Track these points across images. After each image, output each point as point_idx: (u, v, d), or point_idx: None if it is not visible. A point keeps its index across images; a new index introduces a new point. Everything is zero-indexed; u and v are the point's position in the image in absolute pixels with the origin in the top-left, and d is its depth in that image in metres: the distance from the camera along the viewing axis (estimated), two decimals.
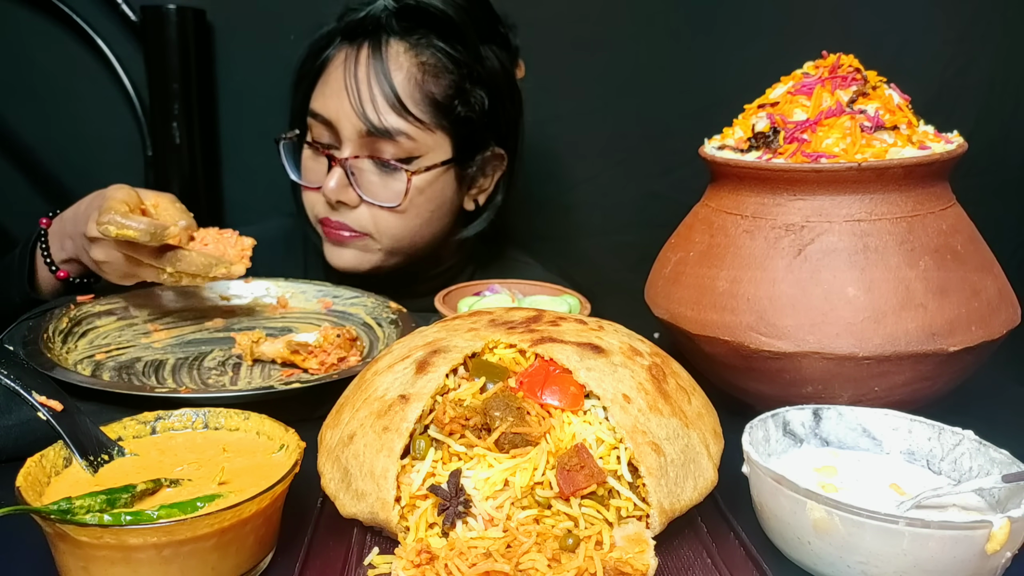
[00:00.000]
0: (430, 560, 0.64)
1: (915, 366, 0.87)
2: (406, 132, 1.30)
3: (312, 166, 1.39)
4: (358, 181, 1.32)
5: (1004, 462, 0.75)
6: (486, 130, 1.40)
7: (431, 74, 1.32)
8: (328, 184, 1.32)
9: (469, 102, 1.35)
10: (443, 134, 1.34)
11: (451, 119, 1.34)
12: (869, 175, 0.88)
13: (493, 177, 1.47)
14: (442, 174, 1.36)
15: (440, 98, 1.32)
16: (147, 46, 1.80)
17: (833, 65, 0.98)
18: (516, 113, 1.46)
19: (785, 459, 0.82)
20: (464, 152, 1.38)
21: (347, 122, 1.30)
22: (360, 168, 1.33)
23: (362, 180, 1.33)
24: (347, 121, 1.30)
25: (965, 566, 0.65)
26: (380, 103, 1.28)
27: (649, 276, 1.08)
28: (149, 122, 1.85)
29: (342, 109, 1.30)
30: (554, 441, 0.70)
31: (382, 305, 1.28)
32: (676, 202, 1.17)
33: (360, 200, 1.33)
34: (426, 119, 1.31)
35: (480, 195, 1.48)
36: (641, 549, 0.66)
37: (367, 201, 1.33)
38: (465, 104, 1.35)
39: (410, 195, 1.33)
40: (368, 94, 1.28)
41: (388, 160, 1.31)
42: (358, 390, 0.79)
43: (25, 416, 0.84)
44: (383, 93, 1.28)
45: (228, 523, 0.63)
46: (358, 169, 1.33)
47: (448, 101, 1.33)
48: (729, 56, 1.86)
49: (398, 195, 1.32)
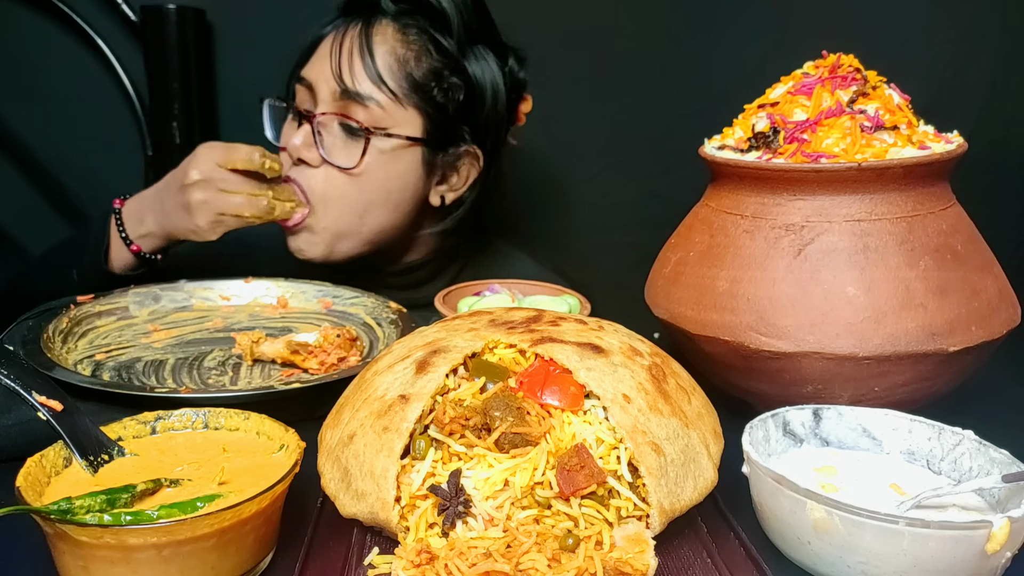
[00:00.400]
0: (430, 560, 0.64)
1: (915, 366, 0.87)
2: (376, 99, 1.32)
3: (288, 129, 1.41)
4: (323, 142, 1.34)
5: (1004, 462, 0.75)
6: (461, 123, 1.40)
7: (414, 55, 1.35)
8: (294, 139, 1.35)
9: (446, 90, 1.36)
10: (416, 112, 1.35)
11: (426, 100, 1.35)
12: (869, 175, 0.88)
13: (467, 177, 1.46)
14: (406, 150, 1.36)
15: (418, 77, 1.34)
16: (147, 46, 1.80)
17: (833, 65, 0.98)
18: (500, 119, 1.45)
19: (785, 459, 0.82)
20: (435, 138, 1.38)
21: (324, 83, 1.34)
22: (327, 128, 1.35)
23: (327, 141, 1.35)
24: (324, 82, 1.34)
25: (965, 566, 0.65)
26: (357, 68, 1.32)
27: (649, 276, 1.08)
28: (149, 122, 1.85)
29: (322, 72, 1.34)
30: (554, 441, 0.70)
31: (382, 305, 1.28)
32: (676, 202, 1.17)
33: (321, 160, 1.34)
34: (399, 93, 1.33)
35: (449, 193, 1.46)
36: (641, 549, 0.66)
37: (326, 161, 1.34)
38: (442, 91, 1.36)
39: (367, 160, 1.33)
40: (348, 59, 1.32)
41: (356, 123, 1.33)
42: (358, 390, 0.79)
43: (25, 416, 0.84)
44: (361, 58, 1.32)
45: (228, 523, 0.63)
46: (326, 129, 1.35)
47: (425, 82, 1.35)
48: (729, 56, 1.86)
49: (355, 158, 1.33)
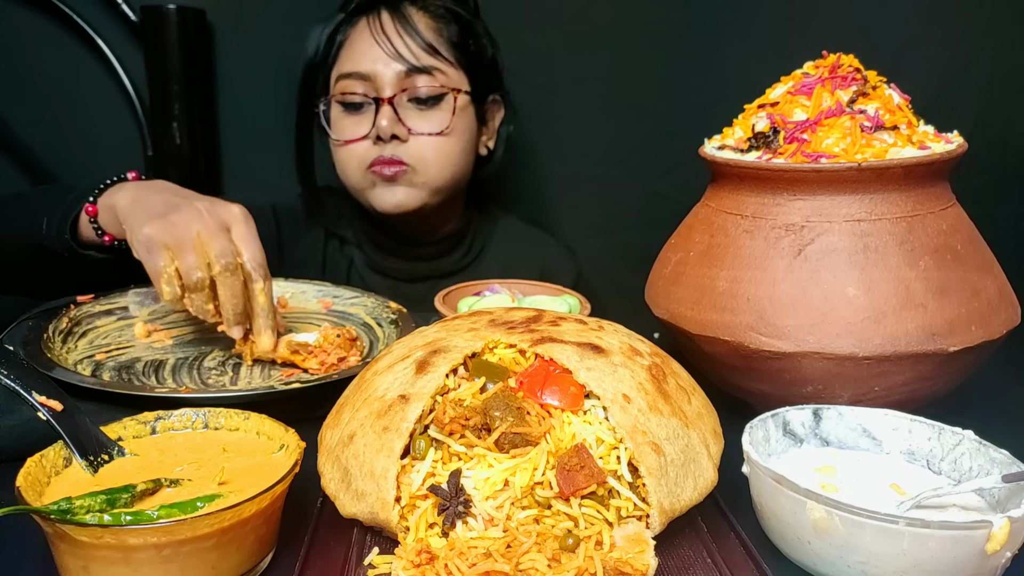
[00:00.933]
0: (430, 560, 0.64)
1: (915, 366, 0.87)
2: (439, 67, 1.44)
3: (347, 124, 1.47)
4: (403, 115, 1.43)
5: (1004, 462, 0.75)
6: (492, 73, 1.55)
7: (445, 22, 1.47)
8: (381, 122, 1.42)
9: (481, 44, 1.52)
10: (463, 72, 1.48)
11: (467, 57, 1.49)
12: (869, 175, 0.88)
13: (495, 123, 1.61)
14: (469, 104, 1.50)
15: (456, 40, 1.47)
16: (147, 46, 1.80)
17: (833, 65, 0.98)
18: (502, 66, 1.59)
19: (785, 459, 0.82)
20: (479, 90, 1.51)
21: (385, 68, 1.41)
22: (402, 106, 1.44)
23: (405, 117, 1.44)
24: (385, 67, 1.41)
25: (965, 566, 0.65)
26: (412, 46, 1.42)
27: (649, 276, 1.08)
28: (149, 122, 1.85)
29: (378, 59, 1.41)
30: (554, 441, 0.70)
31: (382, 305, 1.28)
32: (676, 202, 1.17)
33: (409, 133, 1.44)
34: (451, 57, 1.46)
35: (490, 141, 1.61)
36: (641, 549, 0.66)
37: (415, 133, 1.44)
38: (477, 45, 1.51)
39: (456, 117, 1.46)
40: (400, 41, 1.41)
41: (426, 96, 1.43)
42: (358, 390, 0.79)
43: (25, 416, 0.84)
44: (412, 39, 1.42)
45: (228, 523, 0.63)
46: (402, 108, 1.44)
47: (463, 42, 1.48)
48: (729, 56, 1.86)
49: (442, 122, 1.45)
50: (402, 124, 1.43)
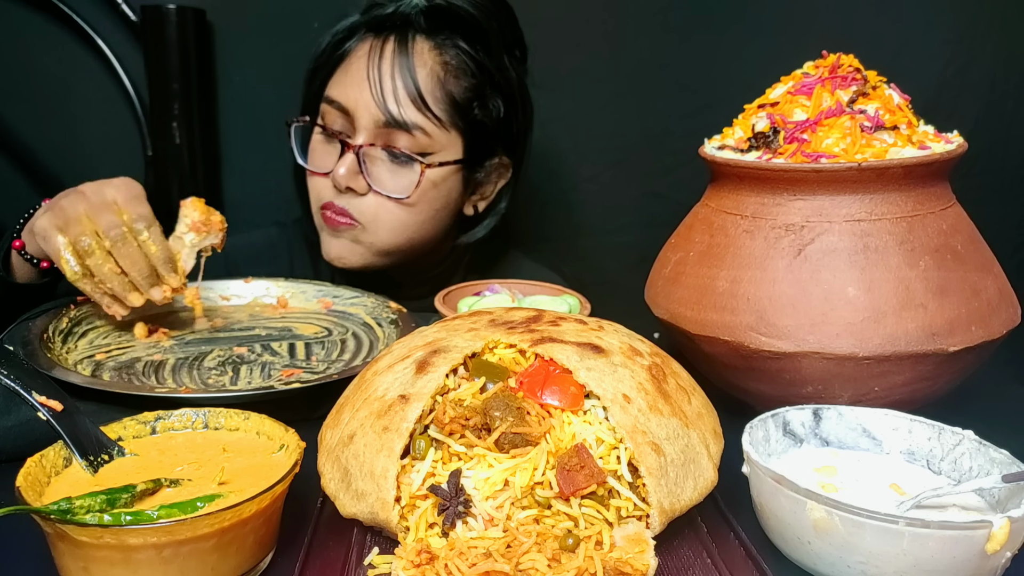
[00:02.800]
0: (430, 560, 0.64)
1: (915, 366, 0.87)
2: (423, 127, 1.31)
3: (321, 151, 1.38)
4: (368, 170, 1.33)
5: (1004, 462, 0.75)
6: (498, 137, 1.41)
7: (453, 74, 1.33)
8: (339, 170, 1.32)
9: (487, 107, 1.37)
10: (457, 134, 1.35)
11: (467, 121, 1.35)
12: (869, 175, 0.88)
13: (496, 185, 1.48)
14: (452, 174, 1.37)
15: (459, 99, 1.33)
16: (147, 46, 1.80)
17: (833, 65, 0.98)
18: (527, 126, 1.47)
19: (785, 459, 0.82)
20: (475, 156, 1.39)
21: (365, 111, 1.30)
22: (372, 157, 1.33)
23: (373, 169, 1.33)
24: (365, 110, 1.30)
25: (965, 566, 0.65)
26: (401, 96, 1.29)
27: (649, 276, 1.08)
28: (149, 122, 1.85)
29: (361, 98, 1.30)
30: (554, 441, 0.70)
31: (382, 305, 1.28)
32: (676, 202, 1.17)
33: (368, 189, 1.33)
34: (444, 117, 1.32)
35: (480, 202, 1.49)
36: (641, 549, 0.66)
37: (375, 191, 1.33)
38: (483, 108, 1.36)
39: (421, 188, 1.33)
40: (391, 86, 1.29)
41: (402, 151, 1.31)
42: (358, 390, 0.79)
43: (25, 416, 0.84)
44: (405, 86, 1.29)
45: (228, 523, 0.63)
46: (370, 158, 1.33)
47: (467, 103, 1.34)
48: (729, 56, 1.86)
49: (408, 187, 1.33)
50: (363, 178, 1.32)
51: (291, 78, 1.72)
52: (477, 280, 1.26)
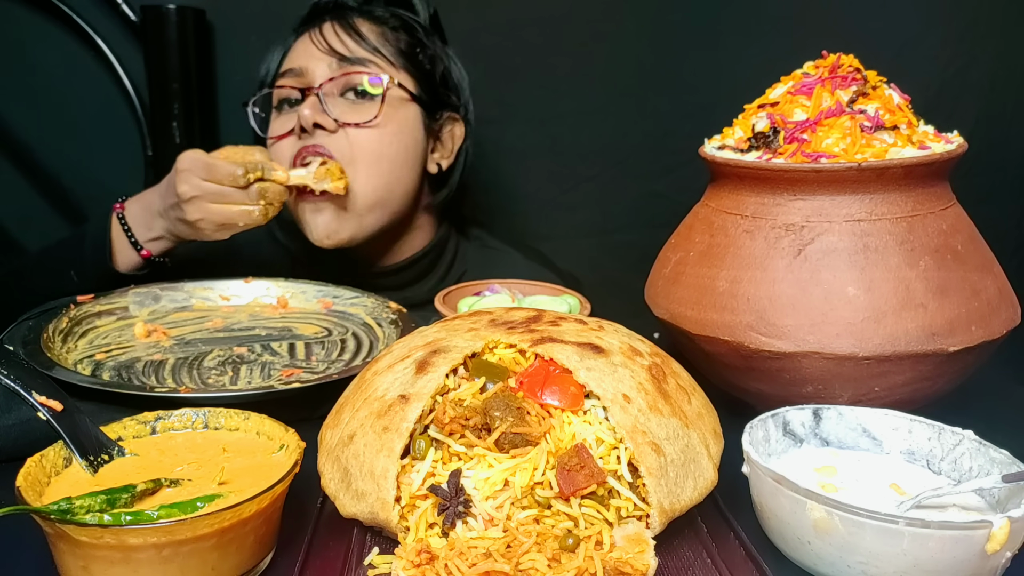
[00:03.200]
0: (430, 560, 0.64)
1: (915, 366, 0.87)
2: (376, 62, 1.37)
3: (277, 123, 1.41)
4: (330, 107, 1.34)
5: (1004, 462, 0.75)
6: (445, 89, 1.46)
7: (393, 32, 1.41)
8: (303, 111, 1.33)
9: (429, 54, 1.43)
10: (407, 75, 1.41)
11: (414, 64, 1.41)
12: (869, 175, 0.88)
13: (453, 145, 1.51)
14: (409, 104, 1.40)
15: (404, 48, 1.40)
16: (147, 46, 1.80)
17: (833, 65, 0.98)
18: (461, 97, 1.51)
19: (785, 459, 0.82)
20: (427, 99, 1.43)
21: (317, 63, 1.35)
22: (332, 95, 1.36)
23: (335, 106, 1.35)
24: (317, 62, 1.35)
25: (965, 566, 0.65)
26: (348, 41, 1.36)
27: (649, 276, 1.08)
28: (149, 122, 1.85)
29: (312, 55, 1.35)
30: (554, 441, 0.70)
31: (382, 305, 1.28)
32: (676, 202, 1.17)
33: (336, 125, 1.34)
34: (391, 58, 1.39)
35: (443, 160, 1.50)
36: (641, 549, 0.66)
37: (343, 124, 1.34)
38: (427, 57, 1.42)
39: (385, 110, 1.35)
40: (335, 38, 1.36)
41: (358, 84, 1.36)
42: (358, 390, 0.79)
43: (25, 416, 0.84)
44: (350, 36, 1.37)
45: (228, 523, 0.63)
46: (331, 96, 1.35)
47: (410, 50, 1.41)
48: (729, 56, 1.86)
49: (373, 112, 1.35)
50: (326, 114, 1.32)
51: None
52: (475, 280, 1.26)
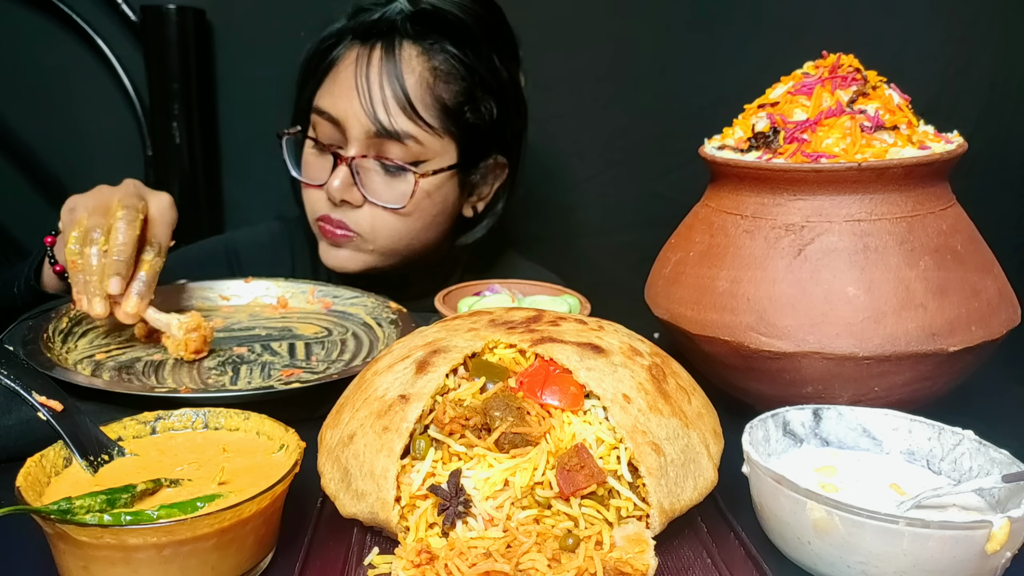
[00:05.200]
0: (430, 560, 0.64)
1: (915, 366, 0.87)
2: (415, 135, 1.30)
3: (314, 163, 1.38)
4: (363, 181, 1.32)
5: (1004, 462, 0.75)
6: (492, 139, 1.40)
7: (442, 79, 1.32)
8: (332, 183, 1.31)
9: (479, 110, 1.35)
10: (450, 139, 1.34)
11: (459, 125, 1.34)
12: (869, 175, 0.88)
13: (493, 186, 1.47)
14: (447, 180, 1.36)
15: (450, 104, 1.32)
16: (147, 46, 1.80)
17: (833, 65, 0.98)
18: (521, 125, 1.46)
19: (785, 459, 0.82)
20: (469, 159, 1.38)
21: (356, 122, 1.29)
22: (365, 168, 1.32)
23: (367, 180, 1.33)
24: (356, 121, 1.29)
25: (965, 566, 0.65)
26: (391, 105, 1.28)
27: (649, 276, 1.08)
28: (149, 122, 1.85)
29: (351, 109, 1.29)
30: (554, 441, 0.70)
31: (382, 305, 1.28)
32: (676, 202, 1.17)
33: (364, 200, 1.33)
34: (435, 124, 1.31)
35: (479, 203, 1.48)
36: (641, 549, 0.66)
37: (371, 202, 1.33)
38: (474, 111, 1.35)
39: (416, 198, 1.33)
40: (380, 95, 1.28)
41: (394, 162, 1.31)
42: (358, 390, 0.79)
43: (25, 416, 0.84)
44: (395, 95, 1.28)
45: (228, 523, 0.63)
46: (363, 169, 1.32)
47: (458, 107, 1.33)
48: (729, 56, 1.86)
49: (403, 197, 1.32)
50: (357, 189, 1.32)
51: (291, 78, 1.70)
52: (476, 280, 1.26)
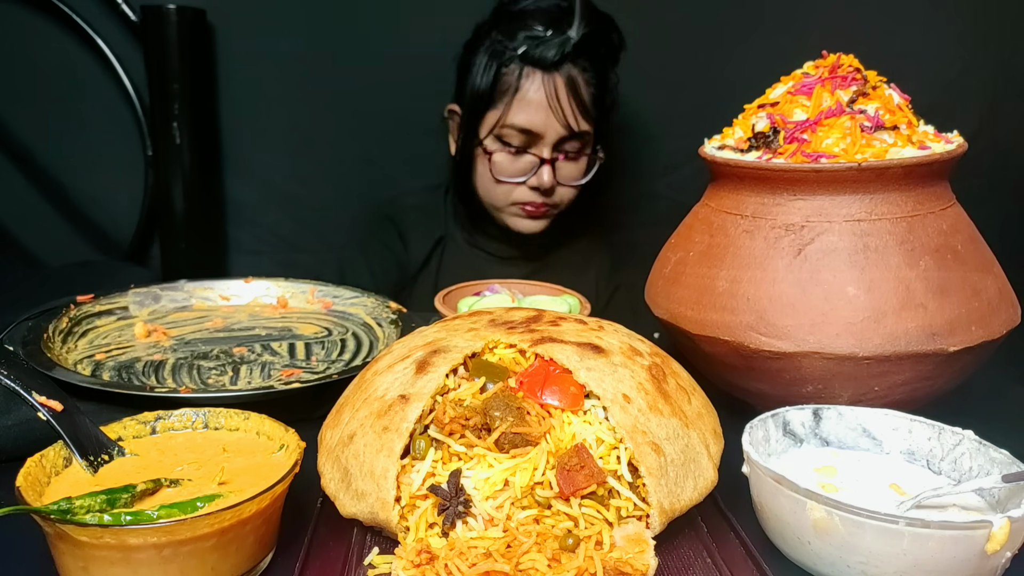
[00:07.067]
0: (430, 560, 0.65)
1: (915, 366, 0.87)
2: (587, 130, 1.66)
3: (509, 164, 1.67)
4: (558, 172, 1.67)
5: (1004, 462, 0.75)
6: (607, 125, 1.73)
7: (593, 86, 1.65)
8: (543, 178, 1.65)
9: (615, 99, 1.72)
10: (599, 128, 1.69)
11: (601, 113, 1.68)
12: (869, 175, 0.88)
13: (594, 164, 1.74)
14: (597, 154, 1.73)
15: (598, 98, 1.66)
16: (147, 46, 1.80)
17: (833, 65, 0.98)
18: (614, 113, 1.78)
19: (785, 459, 0.82)
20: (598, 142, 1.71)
21: (552, 131, 1.62)
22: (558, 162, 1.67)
23: (560, 170, 1.67)
24: (552, 130, 1.62)
25: (965, 566, 0.65)
26: (578, 114, 1.62)
27: (649, 276, 1.08)
28: (149, 122, 1.85)
29: (549, 122, 1.61)
30: (554, 441, 0.70)
31: (382, 305, 1.28)
32: (676, 202, 1.17)
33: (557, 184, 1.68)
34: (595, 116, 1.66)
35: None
36: (641, 549, 0.66)
37: (564, 185, 1.70)
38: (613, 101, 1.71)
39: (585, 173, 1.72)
40: (571, 111, 1.61)
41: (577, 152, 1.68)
42: (358, 390, 0.79)
43: (25, 416, 0.84)
44: (580, 109, 1.62)
45: (228, 523, 0.63)
46: (557, 164, 1.67)
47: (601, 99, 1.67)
48: (729, 56, 1.86)
49: (582, 172, 1.71)
50: (555, 179, 1.66)
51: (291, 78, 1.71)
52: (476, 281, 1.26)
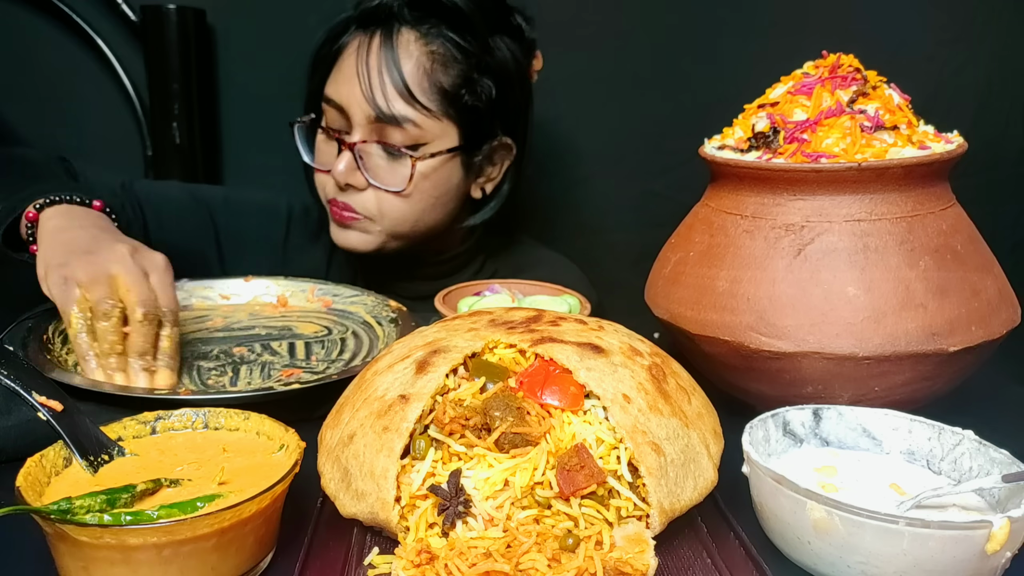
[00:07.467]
0: (430, 560, 0.64)
1: (915, 366, 0.87)
2: (413, 120, 1.33)
3: (324, 149, 1.42)
4: (366, 165, 1.36)
5: (1004, 462, 0.75)
6: (494, 119, 1.42)
7: (440, 63, 1.34)
8: (337, 167, 1.36)
9: (477, 92, 1.37)
10: (450, 122, 1.36)
11: (458, 108, 1.36)
12: (869, 175, 0.88)
13: (501, 166, 1.49)
14: (447, 161, 1.38)
15: (448, 87, 1.34)
16: (147, 46, 1.80)
17: (833, 65, 0.98)
18: (525, 103, 1.48)
19: (785, 459, 0.82)
20: (471, 141, 1.40)
21: (357, 108, 1.33)
22: (368, 152, 1.36)
23: (370, 164, 1.36)
24: (357, 107, 1.33)
25: (965, 566, 0.65)
26: (389, 90, 1.32)
27: (649, 276, 1.08)
28: (149, 122, 1.85)
29: (353, 95, 1.33)
30: (554, 441, 0.70)
31: (382, 304, 1.28)
32: (676, 202, 1.17)
33: (367, 184, 1.37)
34: (433, 107, 1.34)
35: (488, 184, 1.50)
36: (641, 549, 0.66)
37: (374, 185, 1.37)
38: (473, 94, 1.37)
39: (415, 181, 1.36)
40: (378, 81, 1.32)
41: (395, 146, 1.35)
42: (358, 390, 0.79)
43: (25, 416, 0.84)
44: (392, 81, 1.32)
45: (228, 523, 0.63)
46: (366, 153, 1.36)
47: (456, 91, 1.35)
48: (729, 56, 1.86)
49: (403, 180, 1.35)
50: (360, 174, 1.35)
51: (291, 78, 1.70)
52: (478, 280, 1.26)
